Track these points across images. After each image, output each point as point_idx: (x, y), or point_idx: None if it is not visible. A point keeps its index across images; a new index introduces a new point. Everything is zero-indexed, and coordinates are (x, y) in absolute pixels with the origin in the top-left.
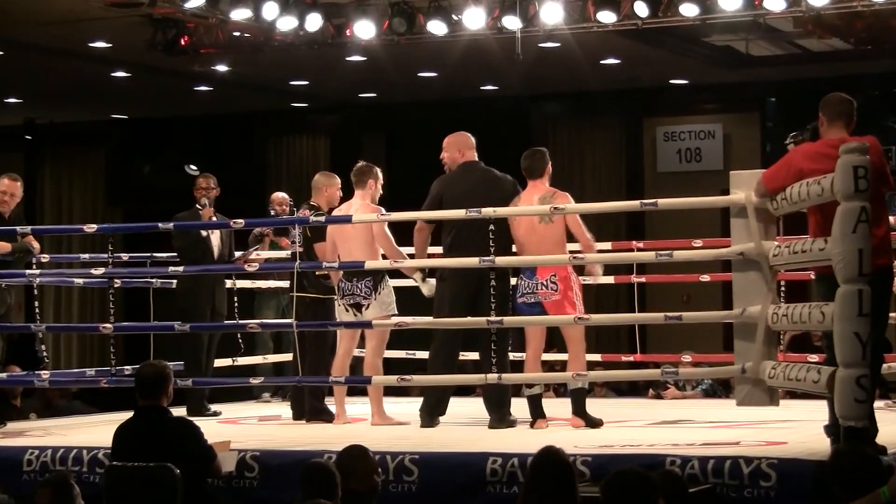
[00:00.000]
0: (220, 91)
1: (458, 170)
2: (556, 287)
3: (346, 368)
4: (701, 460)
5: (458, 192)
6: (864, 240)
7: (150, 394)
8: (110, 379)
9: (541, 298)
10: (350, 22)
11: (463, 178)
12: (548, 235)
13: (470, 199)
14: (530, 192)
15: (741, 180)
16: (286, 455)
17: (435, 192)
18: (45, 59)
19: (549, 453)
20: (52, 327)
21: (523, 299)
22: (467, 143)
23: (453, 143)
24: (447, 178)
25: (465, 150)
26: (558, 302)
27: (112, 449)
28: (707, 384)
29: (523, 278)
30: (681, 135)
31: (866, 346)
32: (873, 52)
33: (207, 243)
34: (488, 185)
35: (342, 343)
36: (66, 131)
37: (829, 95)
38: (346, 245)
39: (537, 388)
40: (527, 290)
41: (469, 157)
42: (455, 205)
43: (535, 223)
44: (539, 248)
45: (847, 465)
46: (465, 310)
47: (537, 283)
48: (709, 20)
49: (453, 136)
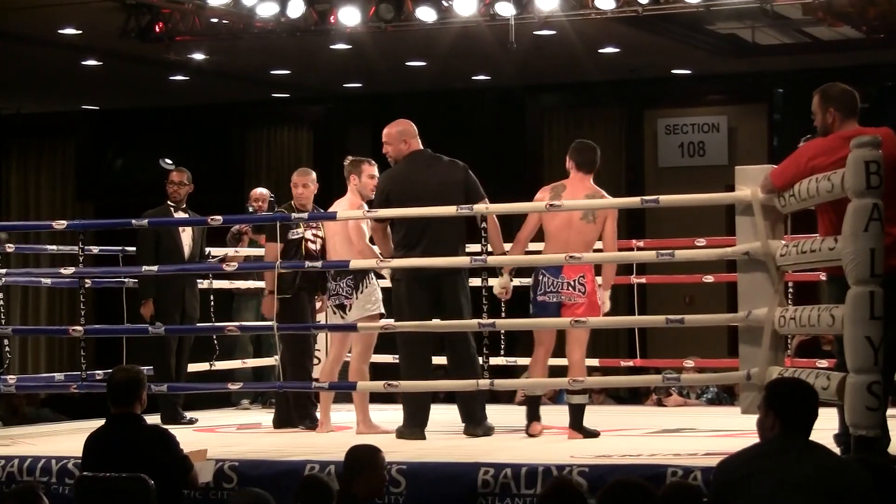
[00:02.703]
0: (197, 81)
1: (403, 162)
2: (584, 289)
3: (335, 375)
4: (704, 471)
5: (405, 187)
6: (876, 239)
7: (122, 400)
8: (80, 384)
9: (563, 299)
10: (334, 8)
11: (410, 171)
12: (585, 234)
13: (418, 193)
14: (577, 186)
15: (747, 176)
16: (266, 465)
17: (380, 187)
18: (11, 46)
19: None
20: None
21: (544, 297)
22: (410, 131)
23: (395, 135)
24: (392, 172)
25: (409, 140)
26: (582, 305)
27: (83, 458)
28: (712, 393)
29: (546, 275)
30: (683, 128)
31: (878, 350)
32: (887, 41)
33: (176, 243)
34: (438, 176)
35: (331, 348)
36: (33, 122)
37: (832, 88)
38: (330, 241)
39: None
40: (550, 287)
41: (414, 146)
42: (401, 202)
43: (574, 219)
44: (571, 245)
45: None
46: (428, 312)
47: (563, 283)
48: (713, 7)
49: (394, 127)
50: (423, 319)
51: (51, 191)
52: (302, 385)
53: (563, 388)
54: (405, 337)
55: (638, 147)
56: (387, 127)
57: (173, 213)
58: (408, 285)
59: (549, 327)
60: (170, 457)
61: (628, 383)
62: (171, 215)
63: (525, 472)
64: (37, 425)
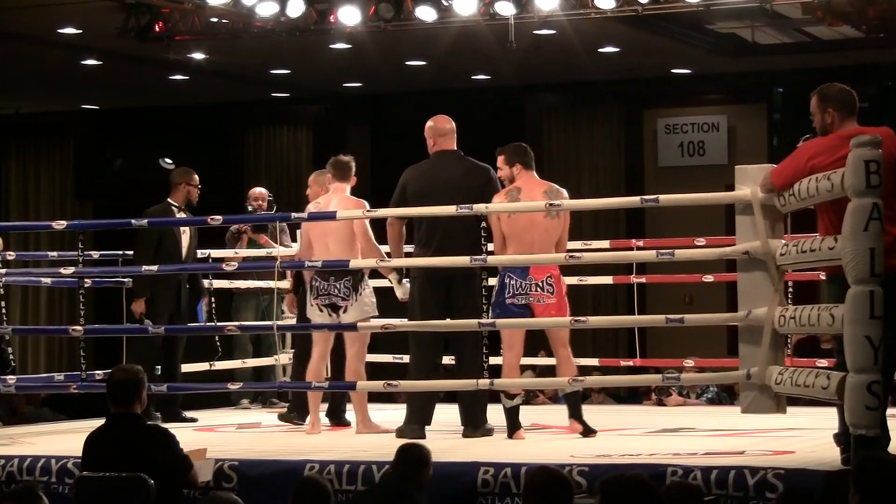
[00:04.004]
0: (197, 80)
1: (429, 159)
2: (553, 289)
3: (322, 373)
4: (704, 471)
5: (423, 184)
6: (876, 238)
7: (122, 400)
8: (80, 384)
9: (532, 300)
10: (334, 7)
11: (432, 169)
12: (550, 231)
13: (435, 192)
14: (531, 184)
15: (747, 175)
16: (266, 465)
17: (401, 181)
18: (10, 46)
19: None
20: (18, 329)
21: (513, 300)
22: (441, 129)
23: (428, 130)
24: (417, 168)
25: (437, 138)
26: (553, 305)
27: (82, 458)
28: (712, 393)
29: (513, 277)
30: (683, 127)
31: (878, 350)
32: (886, 41)
33: (177, 243)
34: (458, 177)
35: (317, 346)
36: (33, 122)
37: (830, 88)
38: (323, 240)
39: (518, 398)
40: (518, 290)
41: (441, 145)
42: (417, 198)
43: (538, 218)
44: (537, 245)
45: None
46: (438, 312)
47: (531, 284)
48: (713, 6)
49: (430, 122)
50: (433, 319)
51: (50, 190)
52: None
53: (563, 387)
54: (415, 337)
55: (637, 146)
56: (429, 120)
57: (175, 214)
58: (420, 285)
59: (547, 327)
60: (169, 456)
61: (628, 383)
62: (174, 215)
63: (525, 471)
64: (36, 425)
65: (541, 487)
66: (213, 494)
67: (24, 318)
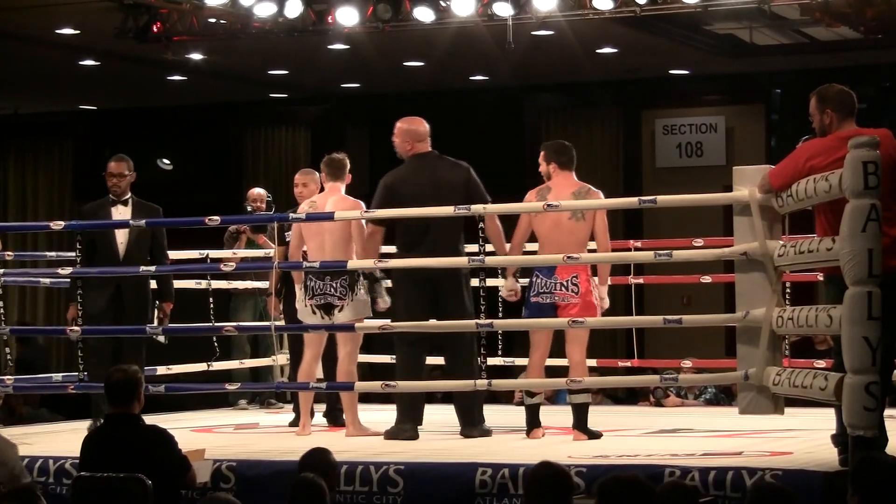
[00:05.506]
0: (195, 81)
1: (406, 163)
2: (577, 290)
3: (314, 375)
4: (702, 471)
5: (415, 188)
6: (874, 239)
7: (120, 400)
8: (78, 385)
9: (557, 300)
10: (332, 8)
11: (410, 173)
12: (576, 233)
13: (431, 194)
14: (563, 184)
15: (745, 176)
16: (264, 465)
17: (384, 187)
18: (8, 46)
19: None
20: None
21: (538, 298)
22: (417, 133)
23: (402, 132)
24: (394, 174)
25: (413, 142)
26: (575, 305)
27: (80, 458)
28: (710, 393)
29: (539, 276)
30: (681, 128)
31: (876, 351)
32: (884, 42)
33: (110, 243)
34: (438, 177)
35: (309, 348)
36: (31, 123)
37: (828, 89)
38: (317, 239)
39: (539, 396)
40: (543, 289)
41: (419, 149)
42: (412, 202)
43: (563, 219)
44: (562, 245)
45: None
46: (422, 313)
47: (556, 284)
48: (711, 7)
49: (405, 124)
50: (418, 320)
51: (48, 191)
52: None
53: (561, 388)
54: (401, 337)
55: (635, 147)
56: (399, 121)
57: (111, 208)
58: (405, 286)
59: (546, 327)
60: (167, 457)
61: (626, 383)
62: (110, 209)
63: (523, 472)
64: (34, 425)
65: (542, 481)
66: (210, 495)
67: (21, 318)
